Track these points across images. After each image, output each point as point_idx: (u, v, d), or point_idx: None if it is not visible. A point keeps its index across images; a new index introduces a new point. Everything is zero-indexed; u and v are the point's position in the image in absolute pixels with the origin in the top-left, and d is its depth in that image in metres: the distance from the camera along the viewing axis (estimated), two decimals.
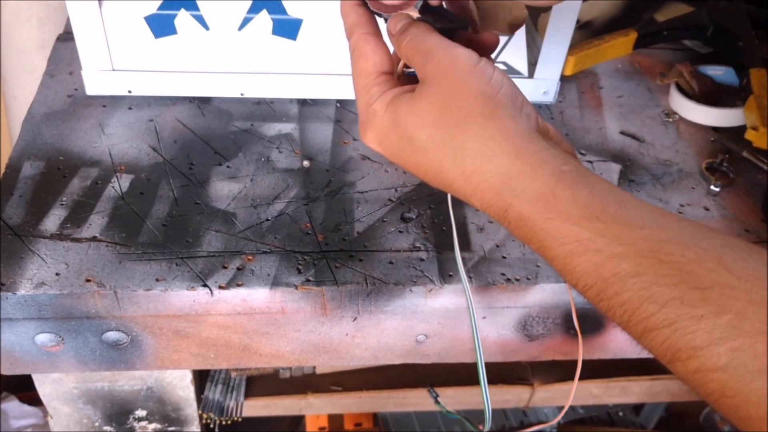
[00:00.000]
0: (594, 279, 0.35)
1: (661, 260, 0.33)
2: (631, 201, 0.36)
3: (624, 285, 0.34)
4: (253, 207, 0.61)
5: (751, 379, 0.30)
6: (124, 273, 0.55)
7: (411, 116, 0.39)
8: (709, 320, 0.31)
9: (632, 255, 0.34)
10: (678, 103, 0.76)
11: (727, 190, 0.68)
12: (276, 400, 0.81)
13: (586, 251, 0.35)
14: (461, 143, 0.38)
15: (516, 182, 0.37)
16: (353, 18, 0.44)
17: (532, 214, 0.36)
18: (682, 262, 0.33)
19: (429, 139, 0.39)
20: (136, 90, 0.69)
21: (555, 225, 0.36)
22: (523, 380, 0.84)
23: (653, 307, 0.33)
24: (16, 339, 0.56)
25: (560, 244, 0.35)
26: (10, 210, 0.59)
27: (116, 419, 0.71)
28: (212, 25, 0.66)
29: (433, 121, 0.39)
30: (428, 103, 0.39)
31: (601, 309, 0.35)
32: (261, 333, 0.58)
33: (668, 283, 0.33)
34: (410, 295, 0.56)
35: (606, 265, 0.34)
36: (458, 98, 0.38)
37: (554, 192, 0.36)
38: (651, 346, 0.33)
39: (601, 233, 0.35)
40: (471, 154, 0.38)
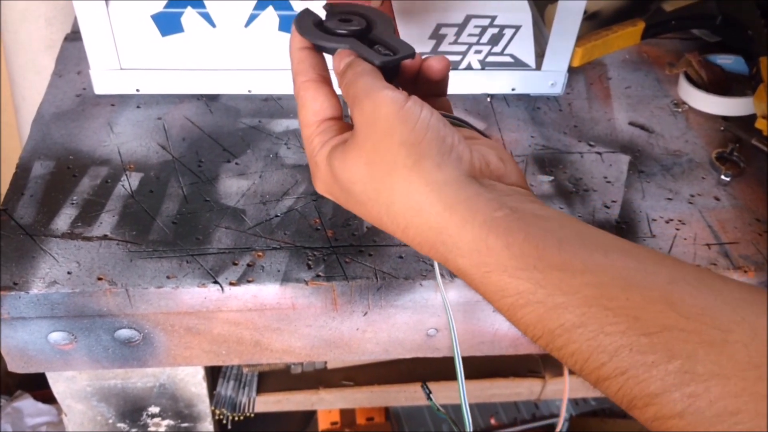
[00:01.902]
0: (540, 330, 0.33)
1: (605, 307, 0.32)
2: (570, 240, 0.34)
3: (570, 336, 0.32)
4: (263, 203, 0.61)
5: (709, 424, 0.29)
6: (135, 271, 0.55)
7: (344, 171, 0.39)
8: (660, 366, 0.30)
9: (575, 304, 0.32)
10: (687, 92, 0.76)
11: (737, 179, 0.67)
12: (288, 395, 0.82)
13: (527, 303, 0.33)
14: (390, 198, 0.37)
15: (447, 236, 0.35)
16: (294, 65, 0.44)
17: (469, 268, 0.35)
18: (628, 307, 0.32)
19: (363, 194, 0.38)
20: (144, 88, 0.70)
21: (493, 278, 0.34)
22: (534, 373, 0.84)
23: (603, 356, 0.31)
24: (30, 338, 0.56)
25: (501, 297, 0.34)
26: (22, 210, 0.59)
27: (129, 416, 0.72)
28: (219, 22, 0.66)
29: (362, 177, 0.38)
30: (356, 155, 0.38)
31: (556, 357, 0.34)
32: (272, 329, 0.58)
33: (615, 331, 0.31)
34: (420, 289, 0.56)
35: (550, 316, 0.33)
36: (382, 149, 0.37)
37: (487, 243, 0.34)
38: (608, 394, 0.32)
39: (540, 284, 0.33)
40: (401, 209, 0.36)
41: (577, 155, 0.69)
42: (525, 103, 0.74)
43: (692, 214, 0.64)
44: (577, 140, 0.70)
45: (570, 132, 0.71)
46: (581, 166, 0.68)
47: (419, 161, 0.36)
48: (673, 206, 0.64)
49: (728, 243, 0.61)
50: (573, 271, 0.33)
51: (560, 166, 0.67)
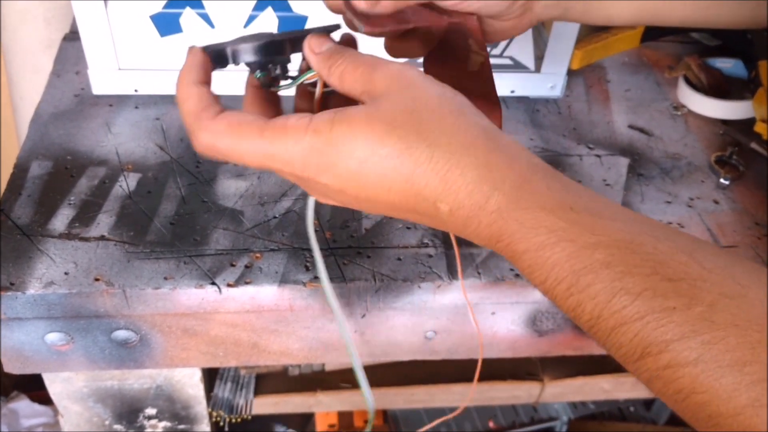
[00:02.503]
0: (566, 271, 0.34)
1: (633, 251, 0.33)
2: (601, 197, 0.36)
3: (596, 276, 0.33)
4: (261, 204, 0.61)
5: (722, 373, 0.29)
6: (133, 272, 0.55)
7: (374, 126, 0.36)
8: (681, 312, 0.31)
9: (605, 245, 0.33)
10: (686, 96, 0.76)
11: (736, 183, 0.67)
12: (285, 397, 0.81)
13: (559, 242, 0.34)
14: (436, 140, 0.36)
15: (495, 173, 0.36)
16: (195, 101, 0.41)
17: (509, 204, 0.35)
18: (655, 254, 0.33)
19: (399, 143, 0.36)
20: (142, 89, 0.70)
21: (531, 214, 0.35)
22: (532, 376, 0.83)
23: (625, 299, 0.32)
24: (26, 338, 0.56)
25: (534, 234, 0.35)
26: (19, 210, 0.59)
27: (126, 417, 0.72)
28: (217, 23, 0.66)
29: (401, 124, 0.36)
30: (391, 109, 0.36)
31: (569, 306, 0.34)
32: (270, 330, 0.58)
33: (641, 273, 0.32)
34: (419, 291, 0.56)
35: (579, 255, 0.33)
36: (424, 100, 0.37)
37: (530, 183, 0.36)
38: (620, 343, 0.32)
39: (575, 223, 0.34)
40: (448, 150, 0.36)
41: (577, 158, 0.69)
42: (524, 106, 0.74)
43: (691, 217, 0.63)
44: (577, 143, 0.70)
45: (569, 135, 0.71)
46: (580, 169, 0.67)
47: (462, 108, 0.37)
48: (672, 209, 0.64)
49: (727, 246, 0.61)
50: (605, 217, 0.35)
51: (559, 169, 0.67)
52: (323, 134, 0.36)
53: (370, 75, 0.38)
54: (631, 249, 0.33)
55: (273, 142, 0.37)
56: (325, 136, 0.36)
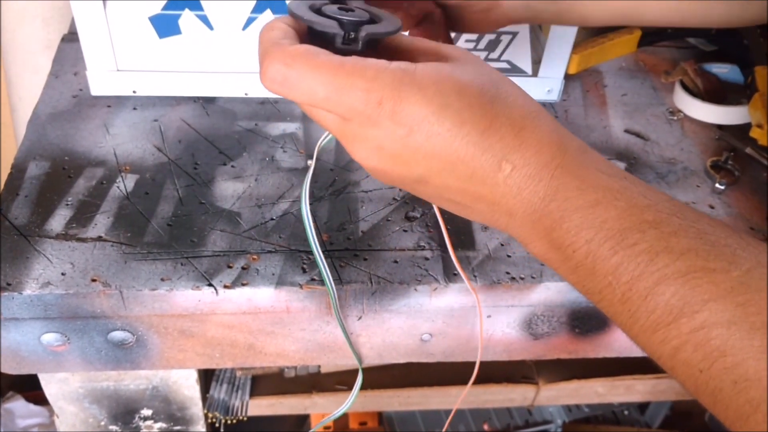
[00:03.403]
0: (614, 229, 0.35)
1: (681, 216, 0.35)
2: (646, 184, 0.39)
3: (643, 235, 0.34)
4: (258, 206, 0.61)
5: (753, 335, 0.30)
6: (130, 273, 0.55)
7: (460, 76, 0.37)
8: (720, 274, 0.32)
9: (655, 209, 0.35)
10: (683, 101, 0.76)
11: (732, 188, 0.67)
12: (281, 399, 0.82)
13: (613, 200, 0.36)
14: (514, 101, 0.38)
15: (563, 138, 0.38)
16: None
17: (572, 162, 0.37)
18: (699, 222, 0.35)
19: (482, 96, 0.37)
20: (140, 90, 0.70)
21: (591, 174, 0.37)
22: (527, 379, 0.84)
23: (669, 257, 0.33)
24: (22, 338, 0.56)
25: (593, 191, 0.36)
26: (16, 210, 0.59)
27: (122, 418, 0.72)
28: (216, 24, 0.66)
29: (484, 82, 0.37)
30: (472, 71, 0.38)
31: (610, 267, 0.35)
32: (266, 332, 0.58)
33: (686, 236, 0.34)
34: (415, 294, 0.56)
35: (630, 213, 0.35)
36: (495, 74, 0.39)
37: (590, 151, 0.39)
38: (656, 304, 0.33)
39: (628, 188, 0.36)
40: (523, 110, 0.38)
41: None
42: None
43: None
44: None
45: None
46: None
47: (522, 90, 0.40)
48: None
49: None
50: (654, 190, 0.37)
51: None
52: (408, 70, 0.36)
53: (443, 48, 0.40)
54: (678, 215, 0.35)
55: (352, 73, 0.35)
56: (410, 71, 0.36)
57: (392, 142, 0.37)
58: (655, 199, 0.36)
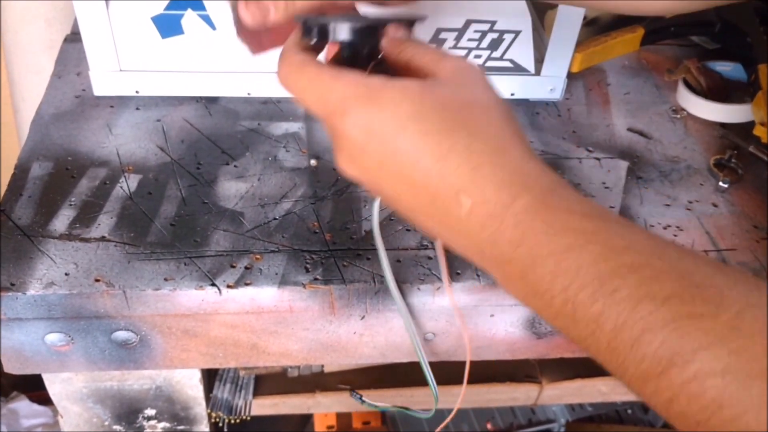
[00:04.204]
0: (591, 275, 0.33)
1: (660, 257, 0.33)
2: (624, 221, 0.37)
3: (623, 281, 0.32)
4: (261, 206, 0.61)
5: (750, 384, 0.28)
6: (133, 273, 0.55)
7: (425, 98, 0.37)
8: (708, 320, 0.30)
9: (633, 250, 0.33)
10: (686, 99, 0.76)
11: (735, 186, 0.67)
12: (284, 398, 0.81)
13: (587, 244, 0.33)
14: (478, 134, 0.36)
15: (527, 177, 0.36)
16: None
17: (537, 205, 0.35)
18: (681, 261, 0.32)
19: (442, 123, 0.36)
20: (143, 90, 0.70)
21: (560, 216, 0.34)
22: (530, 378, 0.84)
23: (652, 304, 0.31)
24: (26, 339, 0.56)
25: (562, 236, 0.34)
26: (20, 210, 0.59)
27: (125, 418, 0.72)
28: (219, 24, 0.66)
29: (450, 109, 0.37)
30: (446, 93, 0.38)
31: (592, 315, 0.33)
32: (269, 332, 0.58)
33: (668, 278, 0.31)
34: (418, 293, 0.56)
35: (607, 258, 0.33)
36: (478, 98, 0.38)
37: (560, 189, 0.36)
38: (643, 354, 0.31)
39: (603, 228, 0.34)
40: (486, 146, 0.36)
41: (576, 161, 0.69)
42: (524, 109, 0.74)
43: (690, 220, 0.64)
44: (576, 146, 0.71)
45: (569, 137, 0.72)
46: (580, 172, 0.68)
47: (510, 115, 0.39)
48: (671, 212, 0.64)
49: (726, 250, 0.61)
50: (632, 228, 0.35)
51: (559, 172, 0.67)
52: (375, 86, 0.37)
53: (437, 62, 0.40)
54: (658, 255, 0.33)
55: (328, 82, 0.39)
56: (377, 88, 0.37)
57: (357, 151, 0.38)
58: (633, 238, 0.34)
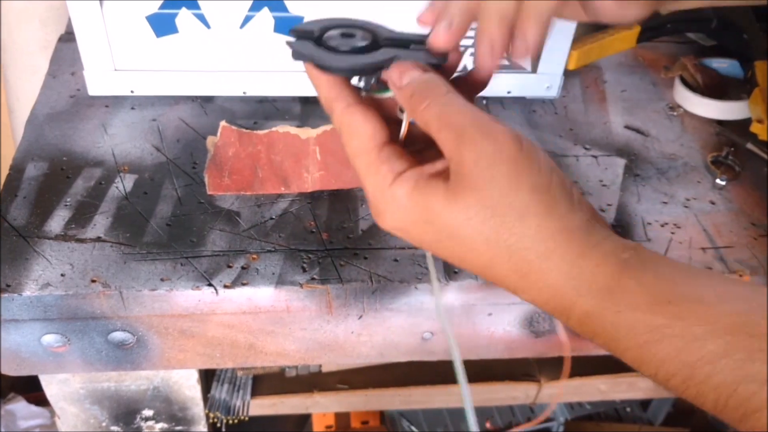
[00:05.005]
0: (677, 366, 0.32)
1: (750, 334, 0.31)
2: (699, 275, 0.35)
3: (714, 367, 0.31)
4: (257, 206, 0.61)
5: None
6: (129, 273, 0.55)
7: (452, 213, 0.35)
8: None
9: (718, 334, 0.31)
10: (682, 96, 0.76)
11: (732, 183, 0.67)
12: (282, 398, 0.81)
13: (663, 338, 0.32)
14: (518, 242, 0.34)
15: (580, 280, 0.34)
16: (326, 91, 0.40)
17: (600, 310, 0.34)
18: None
19: (477, 236, 0.35)
20: (138, 90, 0.69)
21: (625, 317, 0.33)
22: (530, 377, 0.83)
23: (752, 386, 0.30)
24: (23, 340, 0.56)
25: (634, 335, 0.33)
26: (15, 211, 0.59)
27: (123, 419, 0.72)
28: (214, 23, 0.66)
29: (482, 220, 0.35)
30: (475, 200, 0.35)
31: (689, 396, 0.32)
32: (266, 332, 0.58)
33: (764, 358, 0.30)
34: (416, 292, 0.56)
35: (689, 349, 0.32)
36: (510, 195, 0.34)
37: (620, 283, 0.34)
38: (754, 428, 0.30)
39: (678, 316, 0.32)
40: (530, 255, 0.34)
41: (573, 158, 0.69)
42: (521, 106, 0.74)
43: (687, 217, 0.63)
44: (573, 143, 0.70)
45: (566, 135, 0.71)
46: (577, 170, 0.67)
47: (552, 206, 0.35)
48: (668, 210, 0.64)
49: (723, 247, 0.61)
50: (709, 302, 0.33)
51: None
52: (414, 202, 0.37)
53: (455, 143, 0.35)
54: (747, 333, 0.31)
55: (366, 169, 0.38)
56: (415, 203, 0.37)
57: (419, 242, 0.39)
58: (714, 318, 0.32)
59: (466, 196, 0.35)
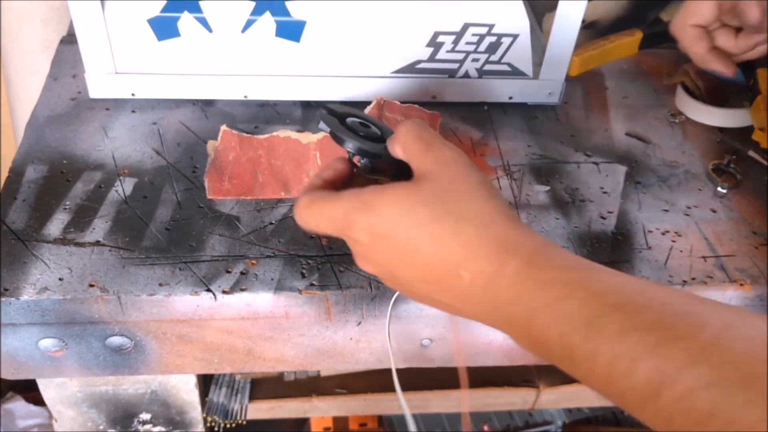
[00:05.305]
0: (581, 319, 0.37)
1: (641, 293, 0.37)
2: (605, 268, 0.40)
3: (610, 319, 0.36)
4: (257, 210, 0.61)
5: (735, 392, 0.31)
6: (128, 278, 0.54)
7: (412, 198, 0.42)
8: (690, 340, 0.33)
9: (615, 291, 0.37)
10: (684, 103, 0.76)
11: (734, 191, 0.67)
12: (280, 402, 0.81)
13: (573, 291, 0.37)
14: (464, 216, 0.41)
15: (513, 244, 0.40)
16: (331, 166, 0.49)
17: (525, 266, 0.39)
18: (660, 296, 0.36)
19: (430, 214, 0.41)
20: (139, 93, 0.69)
21: (547, 273, 0.39)
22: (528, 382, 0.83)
23: (638, 334, 0.34)
24: (20, 344, 0.56)
25: (550, 288, 0.38)
26: (14, 214, 0.59)
27: (120, 422, 0.71)
28: (215, 27, 0.66)
29: (436, 201, 0.42)
30: (431, 188, 0.42)
31: (586, 353, 0.36)
32: (265, 338, 0.58)
33: (650, 311, 0.35)
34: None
35: (592, 301, 0.37)
36: (462, 183, 0.42)
37: (545, 249, 0.41)
38: (637, 382, 0.34)
39: (587, 276, 0.39)
40: (472, 224, 0.41)
41: (574, 165, 0.69)
42: (522, 112, 0.74)
43: (688, 226, 0.63)
44: (574, 150, 0.70)
45: (567, 142, 0.71)
46: (578, 177, 0.67)
47: (494, 195, 0.43)
48: (669, 218, 0.64)
49: (724, 256, 0.61)
50: (615, 274, 0.39)
51: (556, 176, 0.67)
52: (368, 197, 0.43)
53: (424, 153, 0.44)
54: (638, 292, 0.37)
55: (331, 207, 0.44)
56: (370, 198, 0.43)
57: (366, 251, 0.45)
58: (615, 282, 0.38)
59: (426, 185, 0.42)
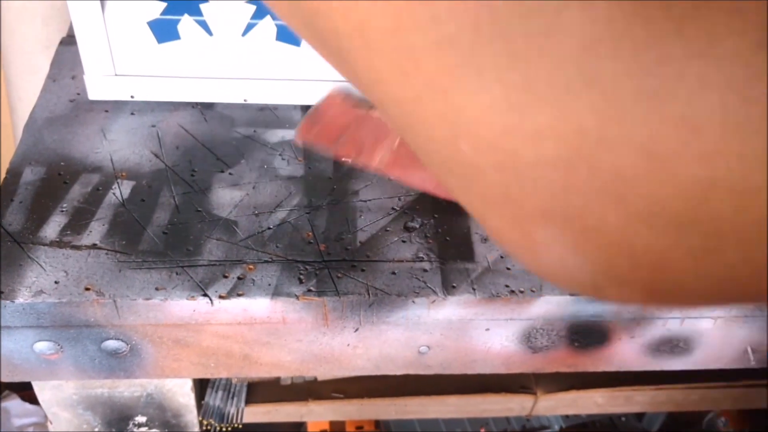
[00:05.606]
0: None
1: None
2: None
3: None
4: (255, 215, 0.61)
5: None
6: (124, 281, 0.54)
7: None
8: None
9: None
10: None
11: None
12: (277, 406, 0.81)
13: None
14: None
15: None
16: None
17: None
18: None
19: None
20: (138, 95, 0.69)
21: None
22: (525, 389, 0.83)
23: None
24: (15, 347, 0.55)
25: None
26: (10, 216, 0.58)
27: (116, 425, 0.71)
28: (216, 30, 0.65)
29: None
30: None
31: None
32: (262, 343, 0.57)
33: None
34: (413, 306, 0.56)
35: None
36: None
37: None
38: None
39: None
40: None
41: None
42: None
43: None
44: None
45: None
46: None
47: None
48: None
49: None
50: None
51: None
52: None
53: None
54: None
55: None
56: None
57: None
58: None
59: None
